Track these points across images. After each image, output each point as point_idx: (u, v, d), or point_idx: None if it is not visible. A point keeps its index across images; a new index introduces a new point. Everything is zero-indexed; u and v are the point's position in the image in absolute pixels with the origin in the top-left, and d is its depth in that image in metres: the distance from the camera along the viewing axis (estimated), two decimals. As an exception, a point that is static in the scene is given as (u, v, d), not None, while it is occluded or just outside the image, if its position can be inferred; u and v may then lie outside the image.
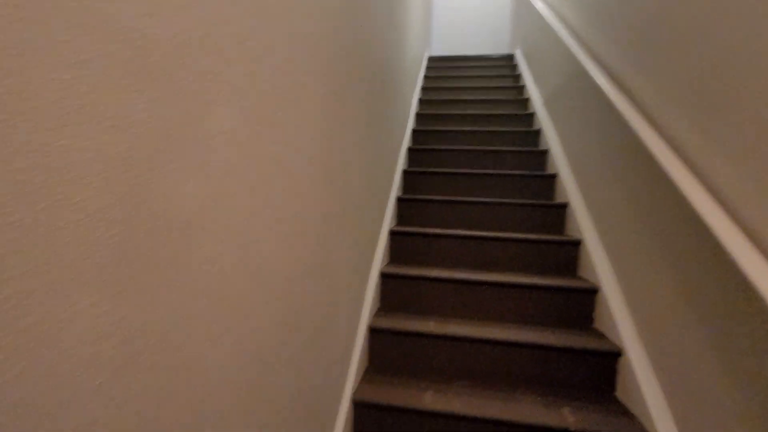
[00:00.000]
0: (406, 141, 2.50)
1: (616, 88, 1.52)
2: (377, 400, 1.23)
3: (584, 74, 1.81)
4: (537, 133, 2.51)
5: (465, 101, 2.99)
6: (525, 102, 2.89)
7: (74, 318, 0.33)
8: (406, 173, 2.28)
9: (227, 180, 0.54)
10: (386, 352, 1.47)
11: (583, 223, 1.76)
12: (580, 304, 1.55)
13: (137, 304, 0.39)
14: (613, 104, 1.47)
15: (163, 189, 0.42)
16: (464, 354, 1.42)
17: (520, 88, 3.11)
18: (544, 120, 2.48)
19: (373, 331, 1.47)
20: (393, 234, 1.88)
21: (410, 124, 2.68)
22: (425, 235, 1.85)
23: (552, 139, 2.29)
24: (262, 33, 0.61)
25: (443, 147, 2.43)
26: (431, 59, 3.92)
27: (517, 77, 3.31)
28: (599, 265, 1.56)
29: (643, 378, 1.18)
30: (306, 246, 0.84)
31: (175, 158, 0.44)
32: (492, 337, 1.39)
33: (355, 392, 1.26)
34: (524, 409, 1.20)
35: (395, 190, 2.08)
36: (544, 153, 2.32)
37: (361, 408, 1.25)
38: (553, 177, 2.14)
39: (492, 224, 2.01)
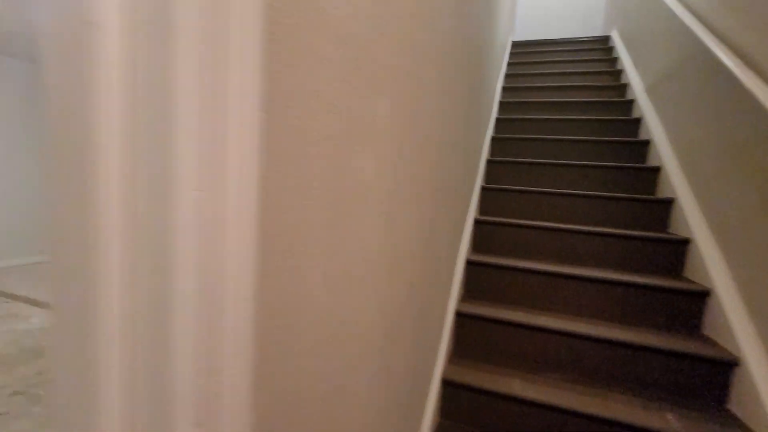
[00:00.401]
0: (490, 130, 2.46)
1: (751, 72, 1.36)
2: (465, 381, 1.27)
3: (706, 55, 1.63)
4: (637, 122, 2.32)
5: (552, 88, 2.84)
6: (623, 88, 2.67)
7: (304, 265, 0.41)
8: (489, 162, 2.25)
9: (382, 158, 0.60)
10: (471, 337, 1.50)
11: (692, 220, 1.61)
12: (687, 306, 1.44)
13: (337, 260, 0.47)
14: (748, 90, 1.32)
15: (353, 163, 0.49)
16: (553, 347, 1.40)
17: (617, 73, 2.87)
18: (645, 108, 2.28)
19: (460, 316, 1.50)
20: (477, 223, 1.88)
21: (494, 112, 2.62)
22: (511, 226, 1.83)
23: (655, 129, 2.10)
24: (413, 41, 0.66)
25: (528, 136, 2.35)
26: (515, 44, 3.76)
27: (614, 61, 3.06)
28: (713, 266, 1.43)
29: (766, 392, 1.08)
30: (423, 225, 0.90)
31: (360, 138, 0.51)
32: (583, 332, 1.35)
33: (444, 372, 1.31)
34: (621, 408, 1.16)
35: (479, 179, 2.07)
36: (645, 144, 2.14)
37: (449, 387, 1.30)
38: (655, 170, 1.97)
39: (583, 218, 1.92)
